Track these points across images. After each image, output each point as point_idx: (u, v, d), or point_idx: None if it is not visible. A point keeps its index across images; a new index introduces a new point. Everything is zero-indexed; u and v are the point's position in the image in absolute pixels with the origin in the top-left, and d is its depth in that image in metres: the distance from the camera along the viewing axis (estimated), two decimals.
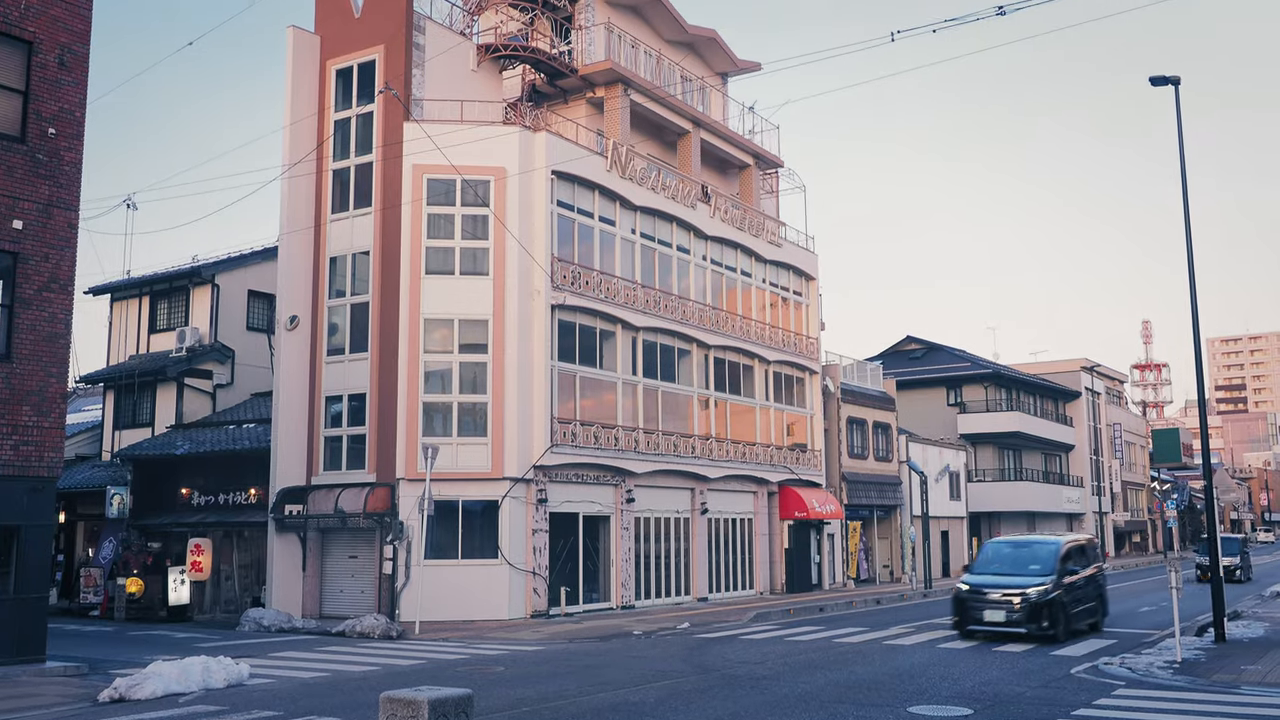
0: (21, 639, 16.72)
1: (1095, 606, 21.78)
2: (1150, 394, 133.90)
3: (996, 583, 20.22)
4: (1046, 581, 19.84)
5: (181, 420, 31.36)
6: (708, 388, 33.04)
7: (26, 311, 17.18)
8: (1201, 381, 20.54)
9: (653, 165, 31.67)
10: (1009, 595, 19.71)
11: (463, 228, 26.63)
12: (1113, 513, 69.16)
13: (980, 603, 20.03)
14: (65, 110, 17.84)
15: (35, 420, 17.18)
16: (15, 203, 17.08)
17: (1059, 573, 20.17)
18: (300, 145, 27.85)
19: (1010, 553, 21.80)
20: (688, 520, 32.00)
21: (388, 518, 25.20)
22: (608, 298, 28.87)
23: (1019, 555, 21.46)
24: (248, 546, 28.96)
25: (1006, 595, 19.74)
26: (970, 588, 20.48)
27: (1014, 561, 21.11)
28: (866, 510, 42.77)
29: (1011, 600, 19.61)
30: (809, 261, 39.01)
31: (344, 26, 28.30)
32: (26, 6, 17.41)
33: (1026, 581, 19.88)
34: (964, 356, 62.60)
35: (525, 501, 26.03)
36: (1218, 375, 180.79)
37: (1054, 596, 19.63)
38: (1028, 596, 19.51)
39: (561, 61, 30.53)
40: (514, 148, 26.82)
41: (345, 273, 27.55)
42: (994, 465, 57.69)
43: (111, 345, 34.85)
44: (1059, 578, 20.07)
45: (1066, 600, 19.99)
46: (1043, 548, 21.35)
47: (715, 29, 36.20)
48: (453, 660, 17.83)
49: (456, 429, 25.90)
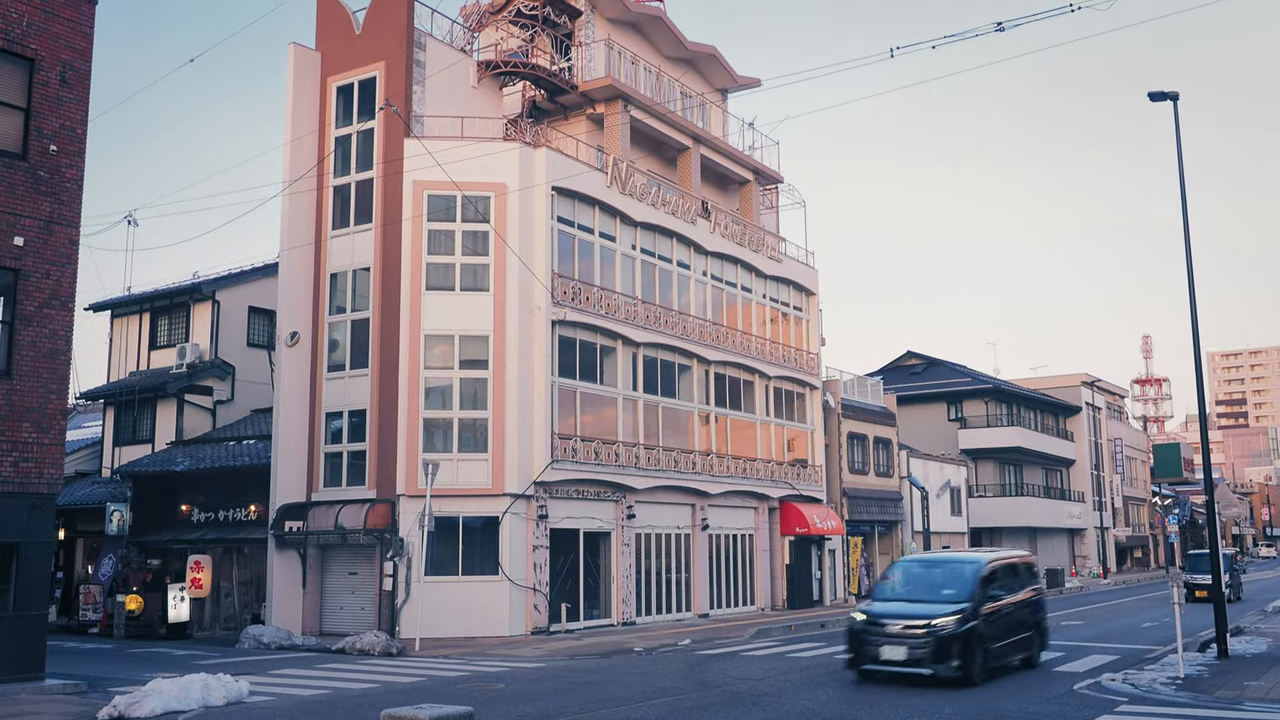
0: (20, 656, 16.66)
1: (1030, 638, 18.12)
2: (1151, 409, 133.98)
3: (899, 611, 16.54)
4: (960, 609, 16.11)
5: (182, 437, 31.33)
6: (708, 403, 33.03)
7: (27, 328, 17.18)
8: (1202, 396, 20.49)
9: (653, 181, 31.73)
10: (912, 627, 15.95)
11: (463, 244, 26.66)
12: (1114, 528, 69.04)
13: (877, 636, 16.17)
14: (67, 127, 17.88)
15: (35, 437, 17.15)
16: (16, 219, 17.10)
17: (977, 599, 16.48)
18: (301, 161, 27.92)
19: (922, 574, 18.12)
20: (688, 536, 31.94)
21: (388, 534, 25.16)
22: (608, 313, 28.89)
23: (932, 577, 17.76)
24: (248, 563, 28.89)
25: (909, 627, 15.98)
26: (867, 618, 16.65)
27: (925, 584, 17.50)
28: (868, 526, 42.69)
29: (914, 633, 15.84)
30: (809, 277, 39.05)
31: (345, 43, 28.40)
32: (28, 24, 17.47)
33: (935, 610, 16.15)
34: (964, 372, 62.63)
35: (526, 518, 25.99)
36: (1218, 390, 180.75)
37: (969, 629, 15.91)
38: (934, 629, 15.76)
39: (562, 78, 30.63)
40: (514, 164, 26.88)
41: (346, 289, 27.57)
42: (995, 480, 57.64)
43: (112, 361, 34.85)
44: (976, 604, 16.37)
45: (987, 632, 16.35)
46: (960, 568, 17.70)
47: (715, 45, 36.31)
48: (453, 677, 17.76)
49: (457, 445, 25.88)
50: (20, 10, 17.37)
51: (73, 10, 18.15)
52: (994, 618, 16.71)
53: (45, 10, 17.73)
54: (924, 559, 19.62)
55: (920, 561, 19.14)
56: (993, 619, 16.66)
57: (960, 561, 18.14)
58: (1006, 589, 17.64)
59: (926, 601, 16.64)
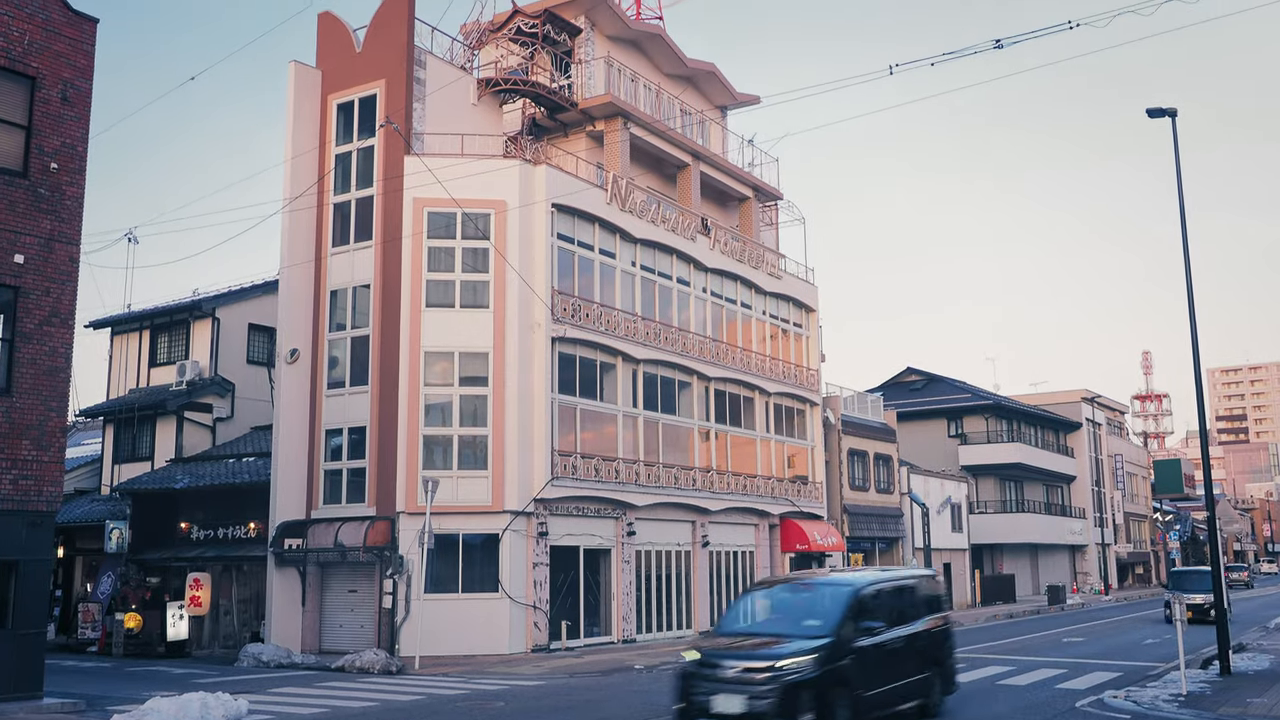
0: (19, 675, 16.60)
1: (928, 680, 14.55)
2: (1151, 425, 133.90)
3: (740, 649, 12.93)
4: (817, 646, 12.41)
5: (181, 454, 31.29)
6: (708, 420, 33.00)
7: (27, 345, 17.18)
8: (1203, 412, 20.43)
9: (653, 198, 31.79)
10: (753, 670, 12.31)
11: (463, 261, 26.69)
12: (1115, 544, 68.89)
13: (710, 682, 12.50)
14: (67, 145, 17.93)
15: (35, 454, 17.13)
16: (17, 237, 17.13)
17: (841, 635, 12.75)
18: (301, 179, 27.97)
19: (785, 599, 14.45)
20: (689, 553, 31.87)
21: (387, 551, 25.09)
22: (608, 330, 28.90)
23: (795, 604, 14.12)
24: (247, 581, 28.80)
25: (749, 670, 12.34)
26: (700, 657, 12.87)
27: (786, 614, 13.87)
28: (868, 542, 42.59)
29: (754, 679, 12.20)
30: (809, 293, 39.08)
31: (345, 61, 28.50)
32: (30, 42, 17.53)
33: (785, 649, 12.50)
34: (964, 388, 62.60)
35: (526, 535, 25.94)
36: (1218, 406, 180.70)
37: (829, 671, 12.30)
38: (780, 672, 12.10)
39: (561, 95, 30.73)
40: (514, 181, 26.94)
41: (346, 306, 27.59)
42: (995, 497, 57.55)
43: (111, 379, 34.83)
44: (842, 640, 12.71)
45: (857, 675, 12.77)
46: (825, 593, 13.91)
47: (714, 63, 36.45)
48: (453, 695, 17.69)
49: (457, 462, 25.85)
50: (22, 29, 17.43)
51: (74, 29, 18.22)
52: (871, 656, 13.09)
53: (47, 29, 17.80)
54: (782, 583, 15.59)
55: (779, 587, 15.23)
56: (868, 657, 13.03)
57: (826, 585, 14.31)
58: (894, 618, 14.00)
59: (781, 636, 12.99)
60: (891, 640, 13.66)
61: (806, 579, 15.23)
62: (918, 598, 15.17)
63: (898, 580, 15.12)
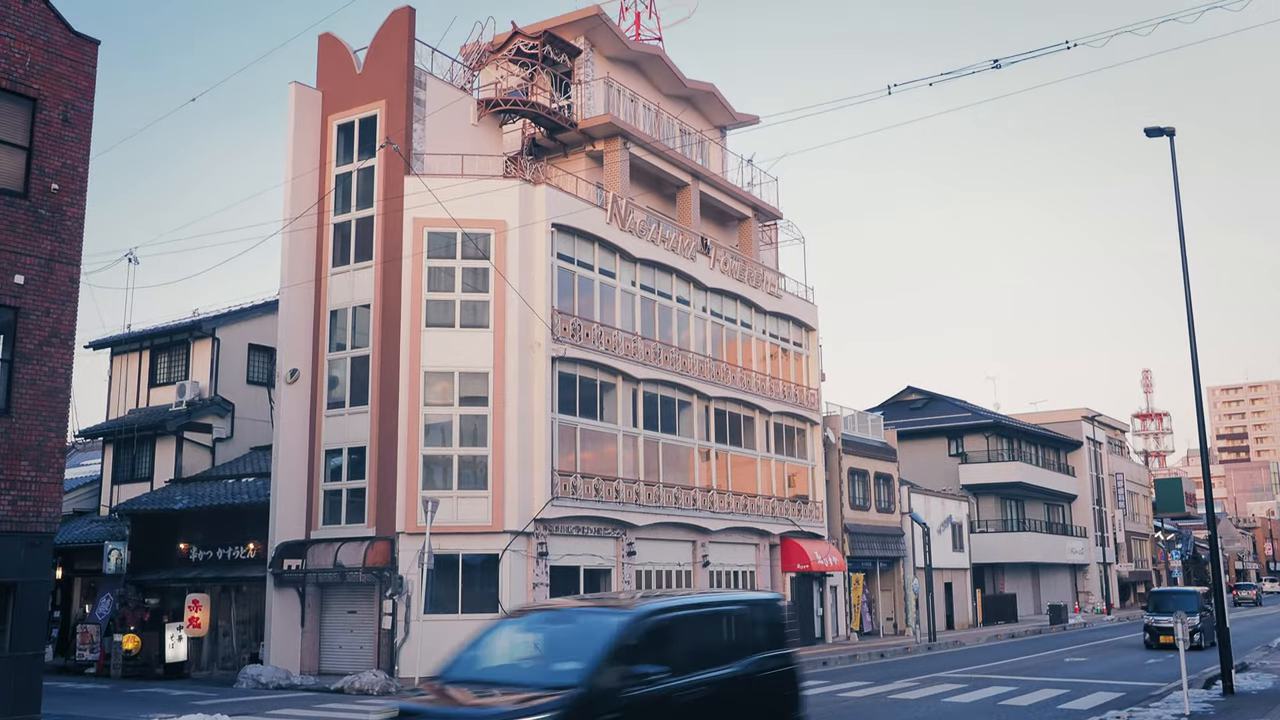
0: (16, 697, 16.51)
1: None
2: (1152, 443, 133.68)
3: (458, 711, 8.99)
4: (556, 705, 8.35)
5: (180, 475, 31.24)
6: (708, 439, 32.97)
7: (27, 366, 17.17)
8: (1203, 430, 20.41)
9: (652, 217, 31.86)
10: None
11: (463, 281, 26.72)
12: (1117, 563, 68.71)
13: None
14: (68, 166, 17.97)
15: (34, 475, 17.10)
16: (17, 258, 17.14)
17: (596, 684, 8.69)
18: (301, 199, 28.03)
19: (534, 637, 10.32)
20: (689, 573, 31.77)
21: (387, 572, 25.02)
22: (608, 350, 28.90)
23: (547, 642, 10.08)
24: (246, 602, 28.71)
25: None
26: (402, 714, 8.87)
27: (535, 655, 10.04)
28: (869, 562, 42.48)
29: None
30: (809, 313, 39.11)
31: (346, 82, 28.61)
32: (31, 64, 17.59)
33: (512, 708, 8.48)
34: (965, 407, 62.58)
35: (526, 555, 25.87)
36: (1219, 424, 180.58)
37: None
38: None
39: (561, 116, 30.83)
40: (514, 201, 27.00)
41: (346, 326, 27.60)
42: (996, 516, 57.43)
43: (111, 399, 34.82)
44: (595, 695, 8.62)
45: None
46: (584, 626, 9.90)
47: (713, 83, 36.61)
48: None
49: (457, 482, 25.80)
50: (23, 50, 17.50)
51: (75, 51, 18.29)
52: (651, 714, 9.12)
53: (48, 50, 17.86)
54: (541, 611, 11.20)
55: (543, 614, 10.90)
56: (647, 716, 9.08)
57: (594, 613, 10.23)
58: (697, 659, 9.96)
59: (515, 686, 9.06)
60: (688, 689, 9.55)
61: (567, 606, 11.03)
62: (744, 630, 10.84)
63: (710, 605, 10.88)
